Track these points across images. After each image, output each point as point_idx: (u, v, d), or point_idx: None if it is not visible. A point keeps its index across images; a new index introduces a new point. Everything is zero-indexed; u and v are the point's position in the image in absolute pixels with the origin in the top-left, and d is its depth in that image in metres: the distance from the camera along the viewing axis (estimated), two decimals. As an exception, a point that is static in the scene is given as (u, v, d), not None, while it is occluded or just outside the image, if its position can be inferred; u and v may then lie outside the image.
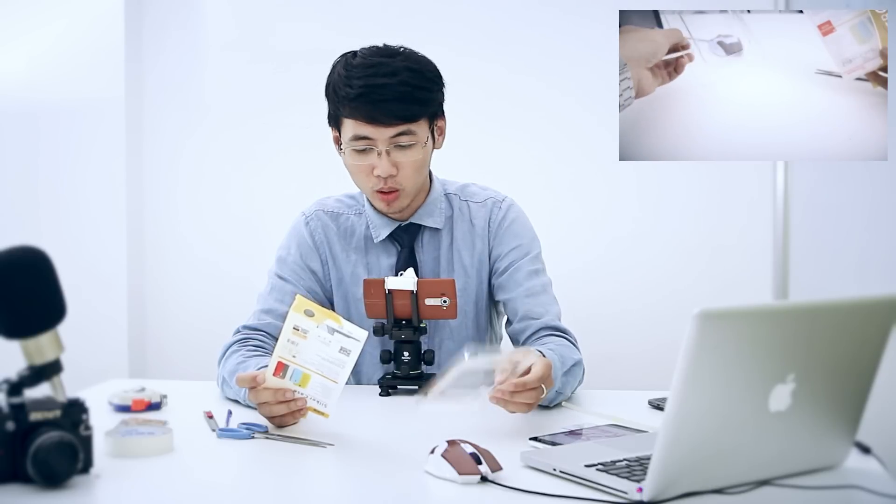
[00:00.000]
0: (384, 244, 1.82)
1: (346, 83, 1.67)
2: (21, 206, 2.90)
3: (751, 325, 1.03)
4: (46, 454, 1.08)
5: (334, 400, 1.42)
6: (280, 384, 1.40)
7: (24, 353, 1.10)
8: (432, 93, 1.71)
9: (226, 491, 1.16)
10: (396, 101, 1.65)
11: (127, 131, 2.88)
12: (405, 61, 1.68)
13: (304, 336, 1.41)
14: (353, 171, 1.75)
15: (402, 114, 1.67)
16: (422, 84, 1.68)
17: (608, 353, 2.57)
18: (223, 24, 2.96)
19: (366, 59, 1.68)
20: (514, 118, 2.80)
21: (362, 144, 1.69)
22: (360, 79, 1.65)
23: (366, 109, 1.66)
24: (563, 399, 1.58)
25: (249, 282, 2.22)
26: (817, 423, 1.14)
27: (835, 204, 2.65)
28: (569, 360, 1.59)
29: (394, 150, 1.69)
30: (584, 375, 1.68)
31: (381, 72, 1.65)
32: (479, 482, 1.14)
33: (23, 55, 2.88)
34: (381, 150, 1.68)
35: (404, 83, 1.65)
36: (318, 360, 1.41)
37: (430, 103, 1.71)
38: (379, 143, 1.68)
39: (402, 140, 1.68)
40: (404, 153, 1.70)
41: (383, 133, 1.67)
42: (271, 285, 1.81)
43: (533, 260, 1.80)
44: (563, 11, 2.78)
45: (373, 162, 1.70)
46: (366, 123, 1.67)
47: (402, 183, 1.72)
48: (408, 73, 1.66)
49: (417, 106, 1.68)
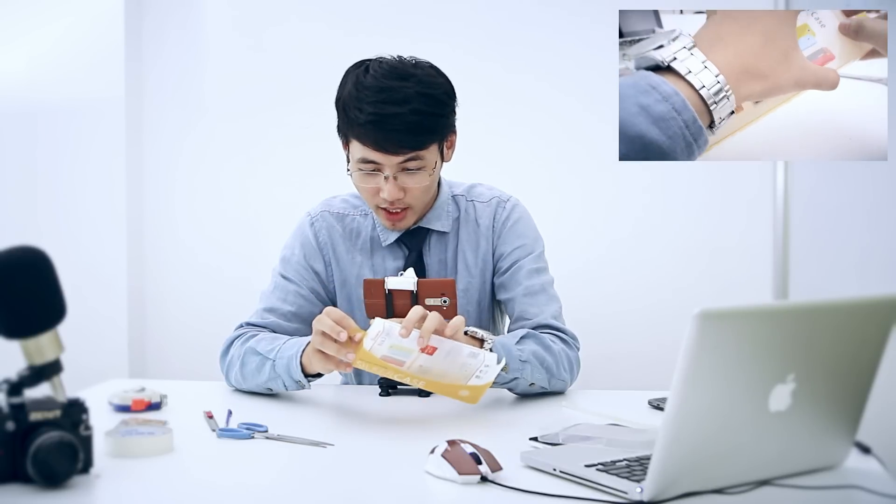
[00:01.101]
0: (391, 247, 1.82)
1: (357, 106, 1.63)
2: (21, 206, 2.90)
3: (751, 325, 1.02)
4: (46, 454, 1.08)
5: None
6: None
7: (24, 353, 1.10)
8: (444, 117, 1.69)
9: (226, 491, 1.16)
10: (406, 131, 1.62)
11: (127, 131, 2.88)
12: (418, 85, 1.63)
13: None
14: (360, 192, 1.74)
15: (412, 144, 1.64)
16: (434, 111, 1.65)
17: (608, 353, 2.57)
18: (223, 24, 2.96)
19: (378, 80, 1.63)
20: (514, 118, 2.80)
21: (369, 168, 1.68)
22: (370, 104, 1.61)
23: (374, 137, 1.63)
24: (528, 384, 1.60)
25: (249, 282, 2.22)
26: (817, 423, 1.14)
27: (835, 204, 2.65)
28: (528, 350, 1.60)
29: (401, 174, 1.67)
30: (576, 371, 1.69)
31: (392, 98, 1.61)
32: (479, 482, 1.14)
33: (23, 55, 2.88)
34: (389, 175, 1.67)
35: (416, 111, 1.62)
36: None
37: (440, 130, 1.68)
38: (386, 168, 1.66)
39: (410, 165, 1.67)
40: (412, 177, 1.68)
41: (391, 160, 1.65)
42: (275, 284, 1.81)
43: (535, 259, 1.80)
44: (563, 11, 2.78)
45: (379, 185, 1.68)
46: (374, 150, 1.65)
47: (410, 203, 1.71)
48: (420, 101, 1.62)
49: (427, 135, 1.65)
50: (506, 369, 1.54)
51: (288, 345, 1.61)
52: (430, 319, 1.43)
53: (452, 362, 1.43)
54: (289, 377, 1.59)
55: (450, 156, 1.79)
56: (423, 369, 1.43)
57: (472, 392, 1.43)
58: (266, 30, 2.92)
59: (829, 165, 2.55)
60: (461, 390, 1.43)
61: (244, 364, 1.66)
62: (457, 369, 1.43)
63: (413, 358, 1.42)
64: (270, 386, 1.63)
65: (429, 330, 1.42)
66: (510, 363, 1.55)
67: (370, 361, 1.43)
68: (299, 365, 1.57)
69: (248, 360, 1.65)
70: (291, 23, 2.89)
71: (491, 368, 1.43)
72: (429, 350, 1.42)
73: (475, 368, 1.43)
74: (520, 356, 1.58)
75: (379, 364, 1.42)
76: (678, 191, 2.78)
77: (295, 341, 1.62)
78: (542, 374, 1.61)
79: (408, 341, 1.43)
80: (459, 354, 1.44)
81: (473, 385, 1.42)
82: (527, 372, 1.58)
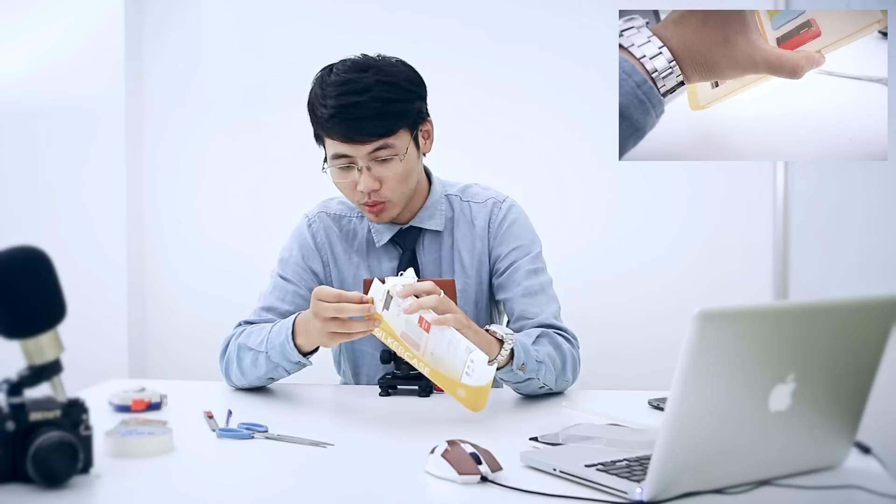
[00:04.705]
0: (386, 247, 1.82)
1: (322, 102, 1.67)
2: (21, 206, 2.90)
3: (751, 325, 1.02)
4: (46, 454, 1.08)
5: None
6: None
7: (24, 353, 1.10)
8: (408, 103, 1.70)
9: (226, 491, 1.16)
10: (370, 118, 1.65)
11: (127, 131, 2.88)
12: (377, 74, 1.66)
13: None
14: (339, 188, 1.76)
15: (377, 131, 1.66)
16: (396, 97, 1.67)
17: (608, 353, 2.57)
18: (223, 24, 2.96)
19: (339, 75, 1.67)
20: (514, 118, 2.80)
21: (343, 162, 1.70)
22: (333, 98, 1.65)
23: (340, 129, 1.66)
24: (539, 386, 1.60)
25: (249, 281, 2.22)
26: (817, 423, 1.14)
27: (835, 204, 2.65)
28: (544, 352, 1.60)
29: (374, 164, 1.69)
30: (577, 371, 1.69)
31: (352, 89, 1.65)
32: (479, 482, 1.14)
33: (23, 55, 2.88)
34: (362, 166, 1.68)
35: (377, 98, 1.64)
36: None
37: (406, 115, 1.70)
38: (358, 159, 1.68)
39: (380, 154, 1.68)
40: (385, 167, 1.69)
41: (361, 150, 1.67)
42: (273, 284, 1.82)
43: (533, 259, 1.80)
44: (563, 11, 2.78)
45: (354, 178, 1.70)
46: (343, 142, 1.67)
47: (387, 195, 1.72)
48: (380, 88, 1.65)
49: (392, 120, 1.67)
50: (523, 369, 1.55)
51: (274, 332, 1.63)
52: (428, 298, 1.43)
53: (455, 355, 1.43)
54: (287, 361, 1.61)
55: (428, 146, 1.79)
56: (434, 358, 1.43)
57: (468, 394, 1.42)
58: (266, 30, 2.92)
59: (829, 165, 2.55)
60: (458, 388, 1.42)
61: (240, 360, 1.67)
62: (457, 363, 1.43)
63: (425, 340, 1.43)
64: (272, 376, 1.65)
65: (422, 305, 1.43)
66: (528, 363, 1.56)
67: (388, 333, 1.45)
68: (294, 347, 1.58)
69: (242, 356, 1.67)
70: (291, 23, 2.89)
71: (478, 366, 1.41)
72: (426, 326, 1.42)
73: (465, 364, 1.42)
74: (536, 356, 1.58)
75: (396, 339, 1.44)
76: (678, 191, 2.78)
77: (280, 327, 1.63)
78: (552, 374, 1.62)
79: (415, 317, 1.43)
80: (458, 347, 1.43)
81: (467, 384, 1.42)
82: (542, 373, 1.59)
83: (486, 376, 1.41)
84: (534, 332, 1.65)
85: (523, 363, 1.55)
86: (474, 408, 1.43)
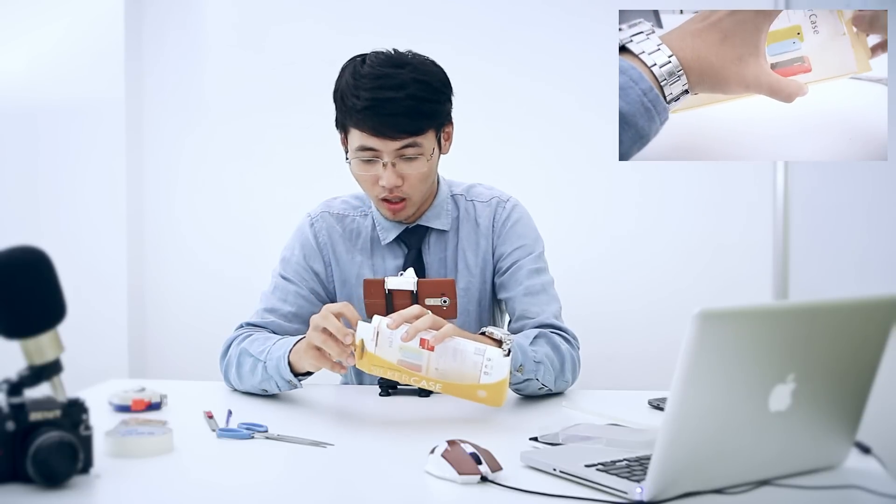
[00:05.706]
0: (391, 246, 1.82)
1: (354, 93, 1.65)
2: (21, 206, 2.90)
3: (751, 325, 1.03)
4: (46, 454, 1.08)
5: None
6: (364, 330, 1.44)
7: (24, 353, 1.10)
8: (440, 104, 1.70)
9: (226, 491, 1.16)
10: (403, 115, 1.64)
11: (127, 131, 2.88)
12: (413, 73, 1.65)
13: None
14: (359, 180, 1.75)
15: (409, 128, 1.65)
16: (429, 96, 1.67)
17: (608, 353, 2.58)
18: (223, 24, 2.96)
19: (374, 68, 1.66)
20: (514, 118, 2.80)
21: (368, 155, 1.69)
22: (367, 90, 1.63)
23: (372, 122, 1.65)
24: (538, 387, 1.60)
25: (249, 282, 2.22)
26: (817, 423, 1.14)
27: (835, 204, 2.65)
28: (541, 352, 1.60)
29: (399, 161, 1.68)
30: (577, 372, 1.69)
31: (388, 84, 1.63)
32: (479, 482, 1.14)
33: (23, 55, 2.88)
34: (387, 161, 1.67)
35: (412, 96, 1.64)
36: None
37: (436, 115, 1.70)
38: (384, 154, 1.67)
39: (408, 152, 1.68)
40: (410, 165, 1.69)
41: (389, 146, 1.66)
42: (274, 284, 1.81)
43: (535, 259, 1.80)
44: (563, 11, 2.78)
45: (378, 173, 1.69)
46: (372, 136, 1.66)
47: (408, 192, 1.72)
48: (416, 86, 1.64)
49: (424, 119, 1.67)
50: (521, 370, 1.55)
51: (277, 345, 1.62)
52: (422, 320, 1.43)
53: (464, 361, 1.43)
54: (280, 377, 1.59)
55: (447, 148, 1.79)
56: (441, 372, 1.42)
57: (490, 392, 1.42)
58: (266, 30, 2.92)
59: (829, 165, 2.55)
60: (478, 391, 1.42)
61: (240, 365, 1.66)
62: (470, 368, 1.42)
63: (426, 360, 1.42)
64: (264, 387, 1.63)
65: (418, 329, 1.42)
66: (525, 364, 1.56)
67: (384, 366, 1.43)
68: (287, 364, 1.57)
69: (242, 361, 1.66)
70: (291, 23, 2.89)
71: (495, 362, 1.42)
72: (429, 346, 1.42)
73: (482, 365, 1.43)
74: (534, 357, 1.58)
75: (394, 368, 1.42)
76: (678, 191, 2.78)
77: (284, 341, 1.62)
78: (551, 375, 1.62)
79: (414, 341, 1.43)
80: (466, 352, 1.43)
81: (488, 384, 1.42)
82: (540, 373, 1.59)
83: (504, 369, 1.42)
84: (531, 333, 1.65)
85: (521, 364, 1.55)
86: (496, 403, 1.43)
